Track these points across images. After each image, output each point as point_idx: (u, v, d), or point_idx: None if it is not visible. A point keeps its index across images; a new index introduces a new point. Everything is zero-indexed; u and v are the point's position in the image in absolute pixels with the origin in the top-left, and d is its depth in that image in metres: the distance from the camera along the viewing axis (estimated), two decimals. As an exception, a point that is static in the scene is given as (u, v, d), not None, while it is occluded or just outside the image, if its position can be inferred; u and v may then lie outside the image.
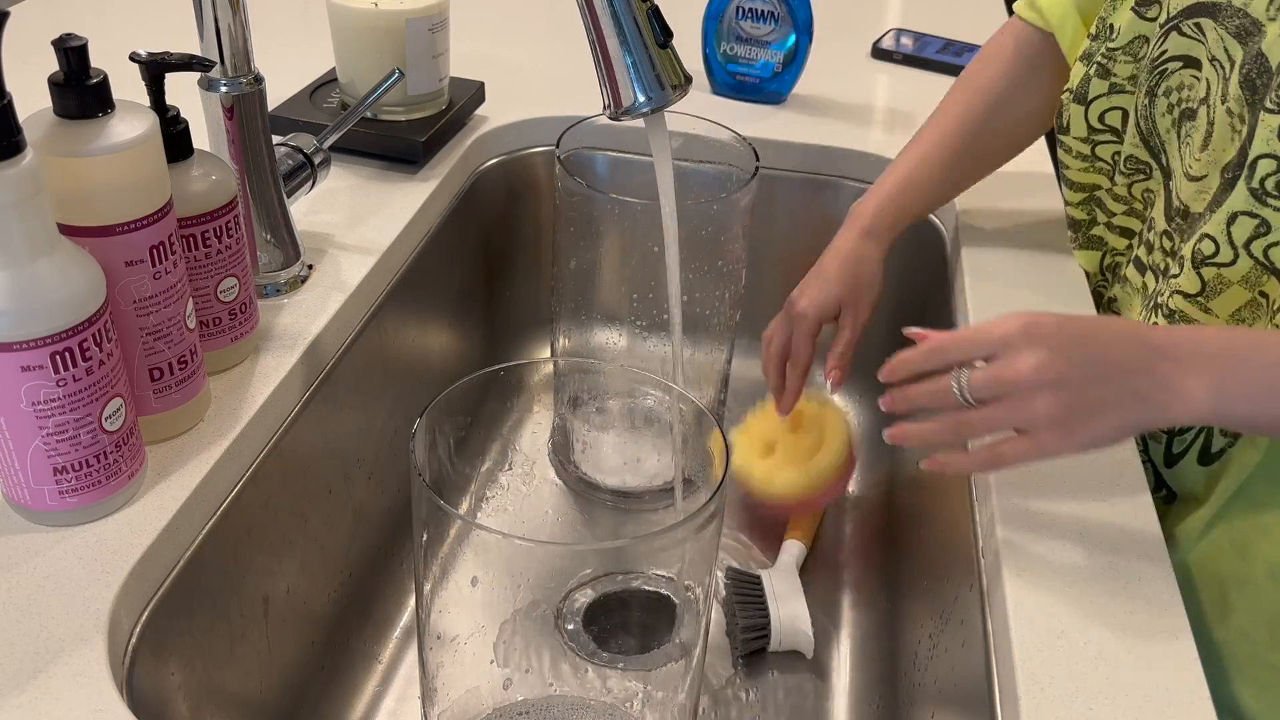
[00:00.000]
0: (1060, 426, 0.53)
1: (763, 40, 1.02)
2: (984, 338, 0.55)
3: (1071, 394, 0.52)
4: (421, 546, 0.54)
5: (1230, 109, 0.60)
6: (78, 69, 0.52)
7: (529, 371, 1.02)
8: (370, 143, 0.89)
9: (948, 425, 0.56)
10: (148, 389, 0.59)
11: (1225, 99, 0.60)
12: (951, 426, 0.56)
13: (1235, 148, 0.60)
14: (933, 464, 0.58)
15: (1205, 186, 0.63)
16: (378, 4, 0.86)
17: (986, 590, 0.58)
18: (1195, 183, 0.64)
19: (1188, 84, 0.65)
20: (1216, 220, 0.59)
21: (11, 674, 0.49)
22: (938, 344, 0.57)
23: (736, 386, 1.04)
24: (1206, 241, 0.60)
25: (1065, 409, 0.52)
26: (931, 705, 0.66)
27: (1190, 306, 0.62)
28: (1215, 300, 0.61)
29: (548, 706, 0.63)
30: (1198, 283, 0.61)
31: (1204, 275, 0.60)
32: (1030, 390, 0.53)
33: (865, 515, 0.92)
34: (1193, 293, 0.62)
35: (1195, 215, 0.64)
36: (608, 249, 0.81)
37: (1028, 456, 0.55)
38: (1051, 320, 0.54)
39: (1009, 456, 0.55)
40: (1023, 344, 0.53)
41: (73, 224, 0.53)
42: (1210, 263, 0.60)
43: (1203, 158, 0.62)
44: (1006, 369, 0.53)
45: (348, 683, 0.77)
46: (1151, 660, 0.52)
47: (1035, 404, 0.53)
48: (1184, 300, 0.62)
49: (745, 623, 0.79)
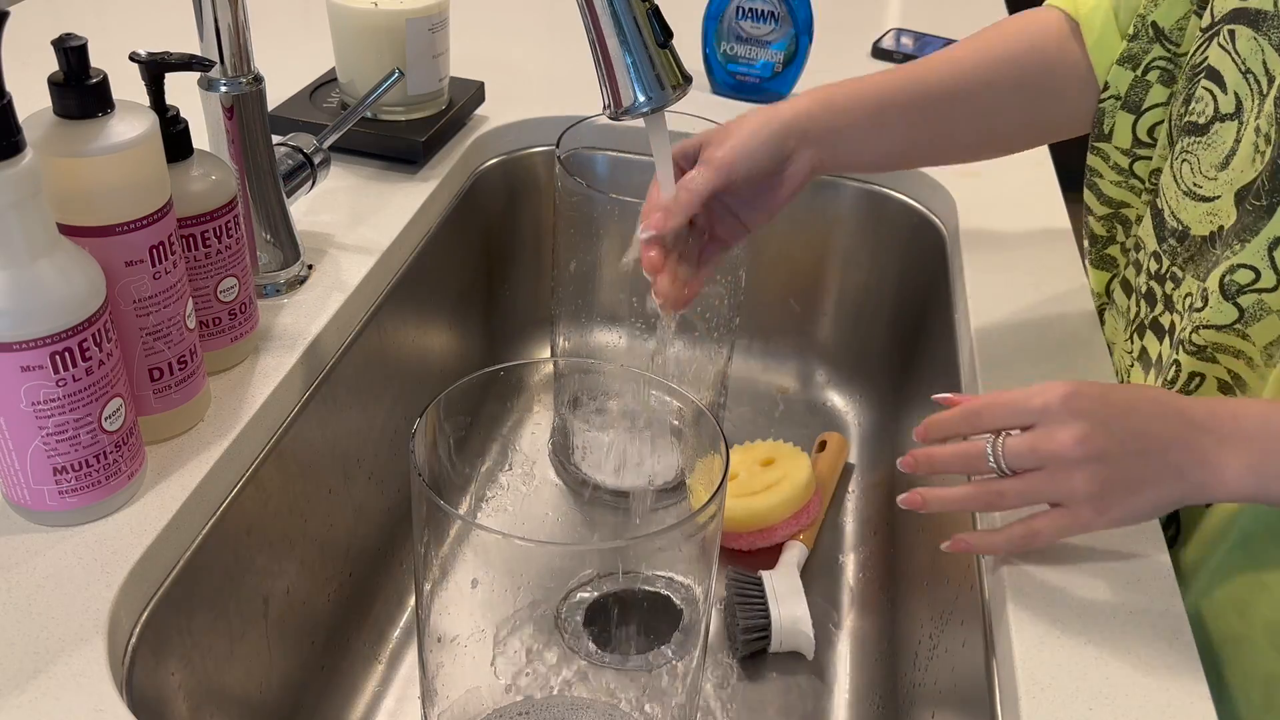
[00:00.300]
0: (1098, 501, 0.51)
1: (763, 40, 1.02)
2: (1024, 406, 0.53)
3: (1111, 469, 0.51)
4: (421, 546, 0.54)
5: (1259, 127, 0.57)
6: (78, 69, 0.52)
7: (529, 371, 1.02)
8: (370, 143, 0.89)
9: (980, 493, 0.53)
10: (148, 389, 0.59)
11: (1259, 115, 0.57)
12: (984, 495, 0.53)
13: (1255, 170, 0.57)
14: (957, 545, 0.55)
15: (1217, 209, 0.60)
16: (378, 4, 0.86)
17: (986, 590, 0.58)
18: (1203, 204, 0.61)
19: (1200, 96, 0.62)
20: (1255, 248, 0.56)
21: (11, 674, 0.49)
22: (974, 408, 0.55)
23: (736, 387, 1.04)
24: (1243, 271, 0.57)
25: (1104, 484, 0.51)
26: (931, 705, 0.66)
27: (1225, 337, 0.59)
28: (1254, 327, 0.58)
29: (548, 706, 0.63)
30: (1234, 312, 0.58)
31: (1242, 304, 0.58)
32: (1070, 464, 0.51)
33: (865, 515, 0.92)
34: (1226, 324, 0.59)
35: (1196, 239, 0.62)
36: (608, 249, 0.81)
37: (1062, 533, 0.53)
38: (1094, 391, 0.52)
39: (1044, 533, 0.53)
40: (1064, 415, 0.51)
41: (73, 224, 0.53)
42: (1250, 290, 0.57)
43: (1220, 178, 0.60)
44: (1047, 440, 0.51)
45: (348, 683, 0.77)
46: (1151, 660, 0.52)
47: (1074, 478, 0.51)
48: (1216, 333, 0.59)
49: (746, 623, 0.79)
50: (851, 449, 0.99)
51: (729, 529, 0.85)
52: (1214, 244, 0.60)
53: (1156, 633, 0.53)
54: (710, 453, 0.56)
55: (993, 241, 0.84)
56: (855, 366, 1.04)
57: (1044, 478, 0.52)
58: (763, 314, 1.04)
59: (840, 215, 0.99)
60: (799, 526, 0.86)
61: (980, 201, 0.89)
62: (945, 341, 0.81)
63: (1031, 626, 0.53)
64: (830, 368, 1.05)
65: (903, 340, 0.97)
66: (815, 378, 1.05)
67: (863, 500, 0.94)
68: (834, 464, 0.94)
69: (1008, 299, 0.77)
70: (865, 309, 1.01)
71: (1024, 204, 0.89)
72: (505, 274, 1.03)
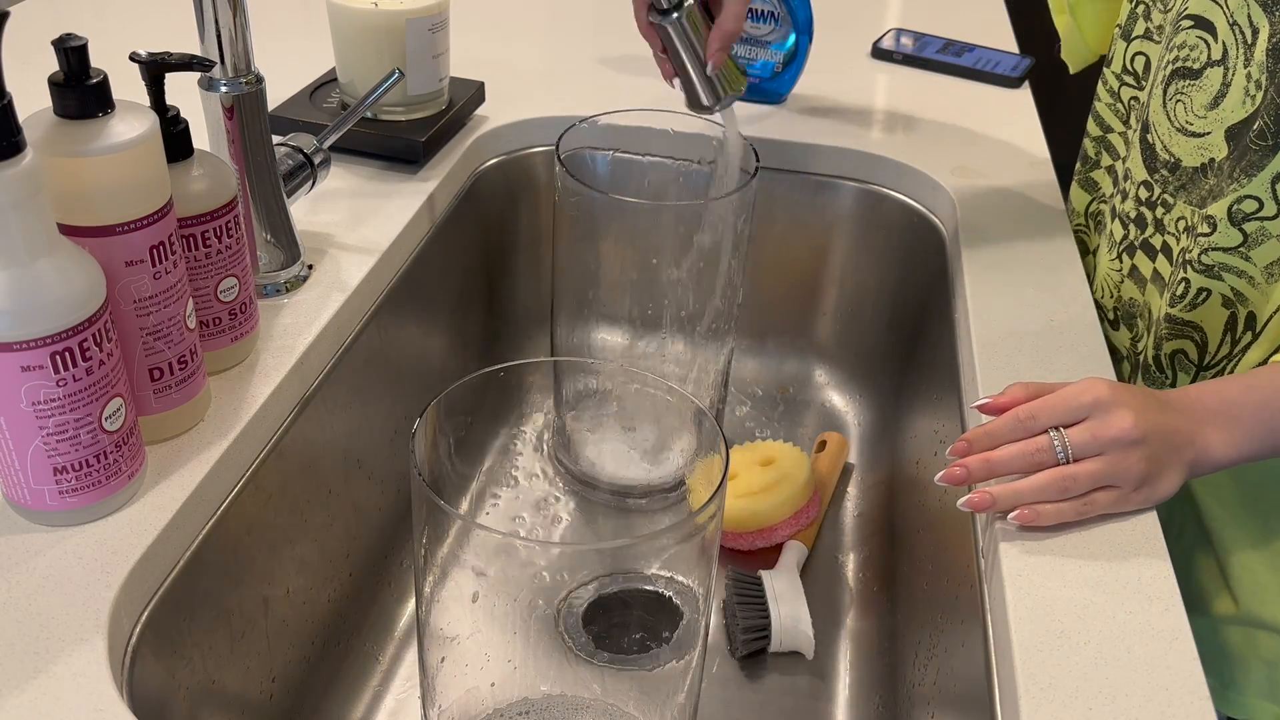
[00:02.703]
0: (1146, 481, 0.57)
1: (763, 40, 1.02)
2: (1075, 403, 0.58)
3: (1154, 450, 0.57)
4: (421, 546, 0.54)
5: (1250, 74, 0.64)
6: (78, 69, 0.52)
7: (529, 371, 1.02)
8: (370, 143, 0.89)
9: (1052, 481, 0.58)
10: (148, 389, 0.59)
11: (1249, 64, 0.64)
12: (1056, 482, 0.58)
13: (1246, 111, 0.65)
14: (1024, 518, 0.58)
15: (1207, 144, 0.68)
16: (378, 4, 0.86)
17: (986, 590, 0.58)
18: (1195, 139, 0.69)
19: (1192, 44, 0.69)
20: (1260, 181, 0.64)
21: (11, 674, 0.49)
22: (1028, 412, 0.59)
23: (736, 387, 1.04)
24: (1249, 201, 0.65)
25: (1149, 463, 0.57)
26: (931, 705, 0.66)
27: (1231, 259, 0.67)
28: (1256, 250, 0.66)
29: (548, 706, 0.63)
30: (1239, 237, 0.67)
31: (1246, 229, 0.66)
32: (1128, 446, 0.57)
33: (865, 515, 0.92)
34: (1231, 246, 0.67)
35: (1188, 169, 0.70)
36: (608, 249, 0.81)
37: (1115, 507, 0.58)
38: (1123, 386, 0.59)
39: (1100, 504, 0.58)
40: (1114, 405, 0.57)
41: (73, 224, 0.53)
42: (1254, 218, 0.66)
43: (1209, 116, 0.68)
44: (1106, 428, 0.57)
45: (348, 683, 0.77)
46: (1151, 660, 0.52)
47: (1130, 458, 0.57)
48: (1223, 254, 0.68)
49: (746, 623, 0.79)
50: (851, 449, 0.99)
51: (729, 529, 0.85)
52: (1205, 174, 0.69)
53: (1156, 633, 0.53)
54: (710, 453, 0.56)
55: (993, 241, 0.84)
56: (855, 366, 1.04)
57: (1108, 461, 0.57)
58: (763, 314, 1.04)
59: (840, 215, 0.99)
60: (799, 526, 0.86)
61: (980, 201, 0.89)
62: (945, 341, 0.81)
63: (1031, 627, 0.53)
64: (830, 368, 1.05)
65: (903, 340, 0.97)
66: (815, 378, 1.05)
67: (863, 500, 0.94)
68: (834, 464, 0.94)
69: (1008, 299, 0.77)
70: (865, 309, 1.01)
71: (1024, 204, 0.89)
72: (505, 274, 1.03)
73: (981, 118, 1.03)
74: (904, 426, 0.92)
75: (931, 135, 0.99)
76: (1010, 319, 0.75)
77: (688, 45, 0.77)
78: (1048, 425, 0.58)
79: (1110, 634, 0.53)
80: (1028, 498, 0.58)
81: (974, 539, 0.62)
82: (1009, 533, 0.58)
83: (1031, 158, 0.97)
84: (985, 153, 0.97)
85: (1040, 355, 0.71)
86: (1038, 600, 0.54)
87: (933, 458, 0.78)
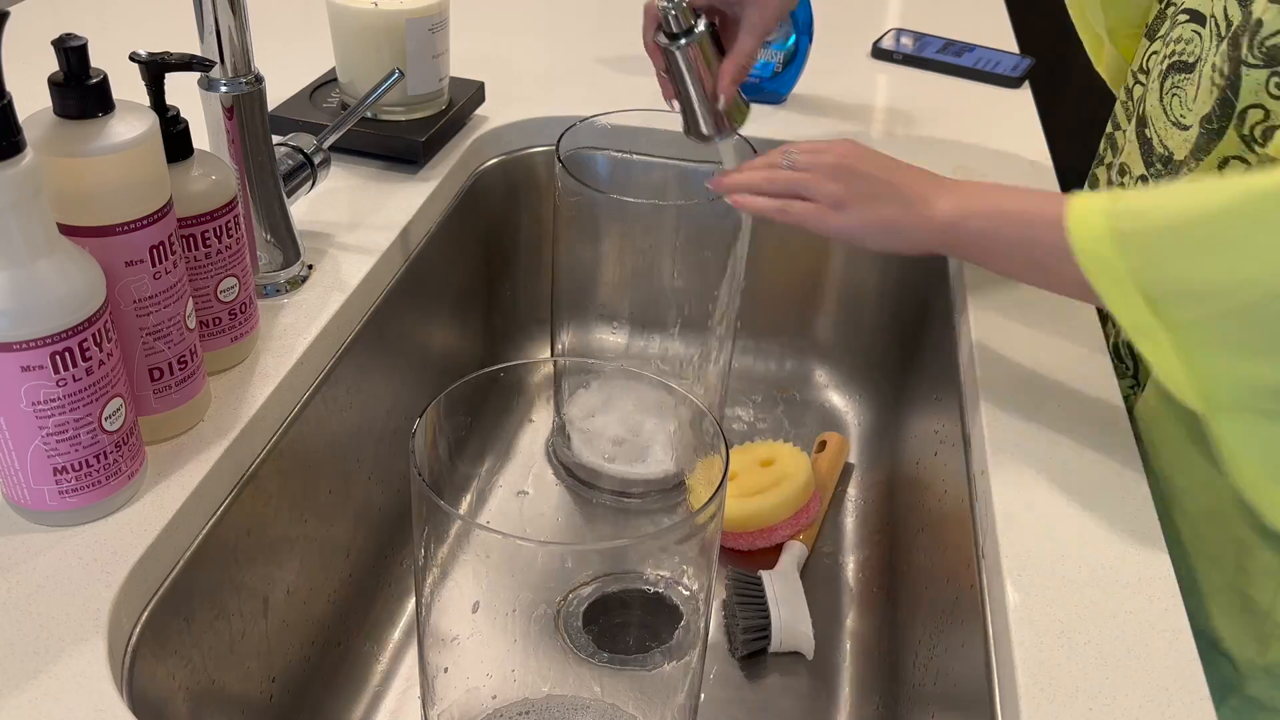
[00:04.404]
0: (842, 206, 0.68)
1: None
2: (821, 146, 0.71)
3: (856, 184, 0.68)
4: (421, 546, 0.54)
5: (1215, 64, 0.66)
6: (78, 69, 0.52)
7: (529, 371, 1.02)
8: (370, 143, 0.89)
9: (761, 175, 0.71)
10: (148, 389, 0.59)
11: (1215, 54, 0.66)
12: (764, 177, 0.71)
13: (1213, 100, 0.66)
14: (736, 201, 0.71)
15: (1190, 136, 0.69)
16: (378, 4, 0.86)
17: (986, 590, 0.58)
18: (1184, 132, 0.70)
19: (1187, 38, 0.71)
20: (1208, 165, 0.67)
21: (11, 674, 0.49)
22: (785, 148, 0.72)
23: (736, 387, 1.04)
24: None
25: (846, 193, 0.68)
26: (931, 705, 0.66)
27: None
28: None
29: (548, 706, 0.63)
30: None
31: None
32: (831, 169, 0.68)
33: (865, 515, 0.92)
34: None
35: (1177, 163, 0.71)
36: (608, 249, 0.81)
37: (805, 220, 0.69)
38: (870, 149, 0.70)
39: (796, 211, 0.69)
40: (842, 145, 0.70)
41: (73, 224, 0.53)
42: None
43: (1192, 109, 0.70)
44: (822, 155, 0.70)
45: (348, 683, 0.77)
46: (1151, 661, 0.52)
47: (831, 182, 0.68)
48: None
49: (746, 623, 0.79)
50: (851, 449, 0.99)
51: (729, 529, 0.85)
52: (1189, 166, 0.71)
53: (1156, 633, 0.53)
54: (710, 453, 0.56)
55: (993, 241, 0.84)
56: (855, 366, 1.04)
57: (810, 176, 0.69)
58: (763, 314, 1.04)
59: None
60: (799, 526, 0.86)
61: (980, 201, 0.88)
62: (945, 341, 0.81)
63: (1031, 626, 0.53)
64: (830, 368, 1.05)
65: (903, 340, 0.97)
66: (815, 378, 1.05)
67: (863, 500, 0.94)
68: (834, 464, 0.94)
69: (1007, 299, 0.77)
70: (865, 309, 1.01)
71: (1024, 204, 0.89)
72: (505, 274, 1.03)
73: (981, 118, 1.03)
74: (904, 426, 0.92)
75: (931, 135, 0.99)
76: (1010, 319, 0.75)
77: (694, 73, 0.75)
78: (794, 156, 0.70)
79: (1110, 634, 0.53)
80: (740, 187, 0.71)
81: (974, 539, 0.62)
82: (1009, 533, 0.58)
83: (1031, 158, 0.97)
84: (985, 153, 0.97)
85: (1040, 354, 0.71)
86: (1038, 600, 0.54)
87: (933, 458, 0.78)
